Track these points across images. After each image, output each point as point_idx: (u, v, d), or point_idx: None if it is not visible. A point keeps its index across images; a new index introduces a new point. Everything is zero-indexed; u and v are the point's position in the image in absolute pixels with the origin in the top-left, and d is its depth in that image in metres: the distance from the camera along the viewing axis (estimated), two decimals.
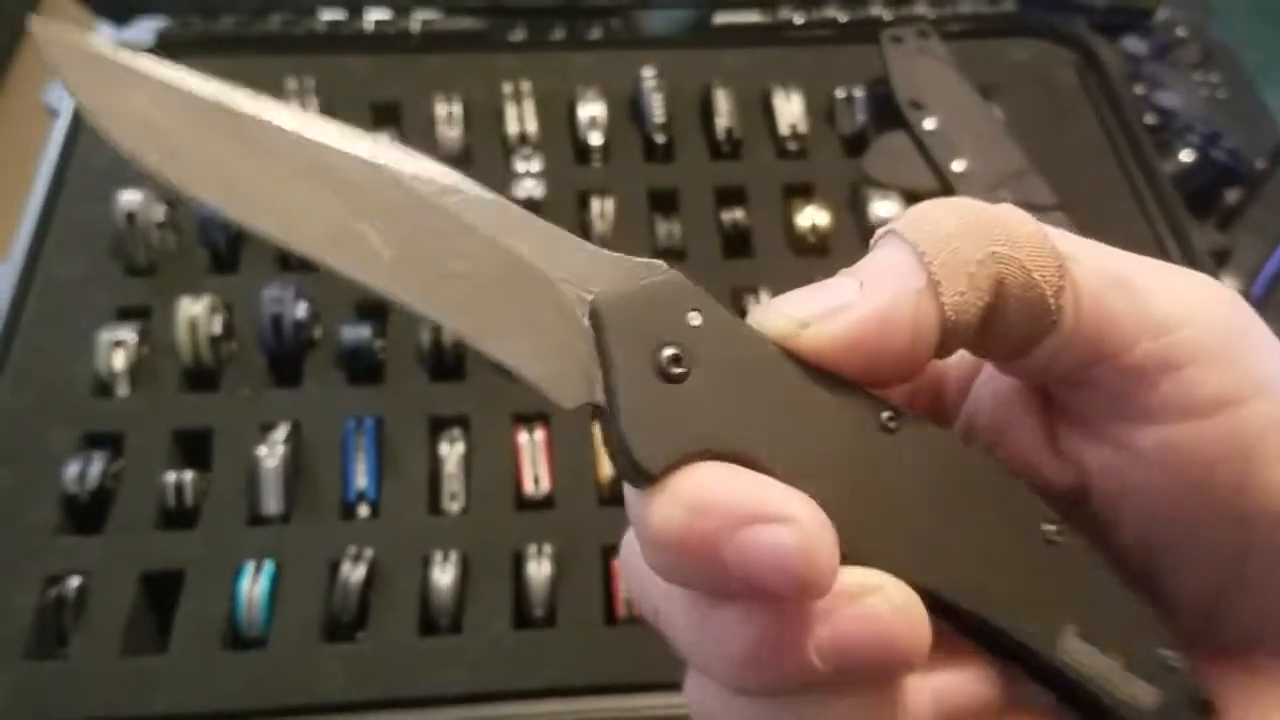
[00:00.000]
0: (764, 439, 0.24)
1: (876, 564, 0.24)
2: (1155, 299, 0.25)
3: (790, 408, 0.25)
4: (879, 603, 0.23)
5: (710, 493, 0.23)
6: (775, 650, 0.23)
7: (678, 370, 0.24)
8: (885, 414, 0.25)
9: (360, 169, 0.24)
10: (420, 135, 0.81)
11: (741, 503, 0.23)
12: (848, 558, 0.23)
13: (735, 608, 0.24)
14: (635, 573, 0.26)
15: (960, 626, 0.25)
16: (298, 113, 0.24)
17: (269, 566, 0.61)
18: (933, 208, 0.26)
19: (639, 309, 0.25)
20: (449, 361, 0.70)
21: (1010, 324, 0.25)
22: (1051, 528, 0.25)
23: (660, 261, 0.25)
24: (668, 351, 0.24)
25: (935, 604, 0.24)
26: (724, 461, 0.24)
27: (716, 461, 0.24)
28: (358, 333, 0.69)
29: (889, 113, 0.81)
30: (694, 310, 0.25)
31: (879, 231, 0.26)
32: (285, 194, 0.24)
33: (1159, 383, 0.25)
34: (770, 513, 0.23)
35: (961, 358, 0.28)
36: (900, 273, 0.25)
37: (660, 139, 0.82)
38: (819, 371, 0.25)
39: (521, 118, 0.81)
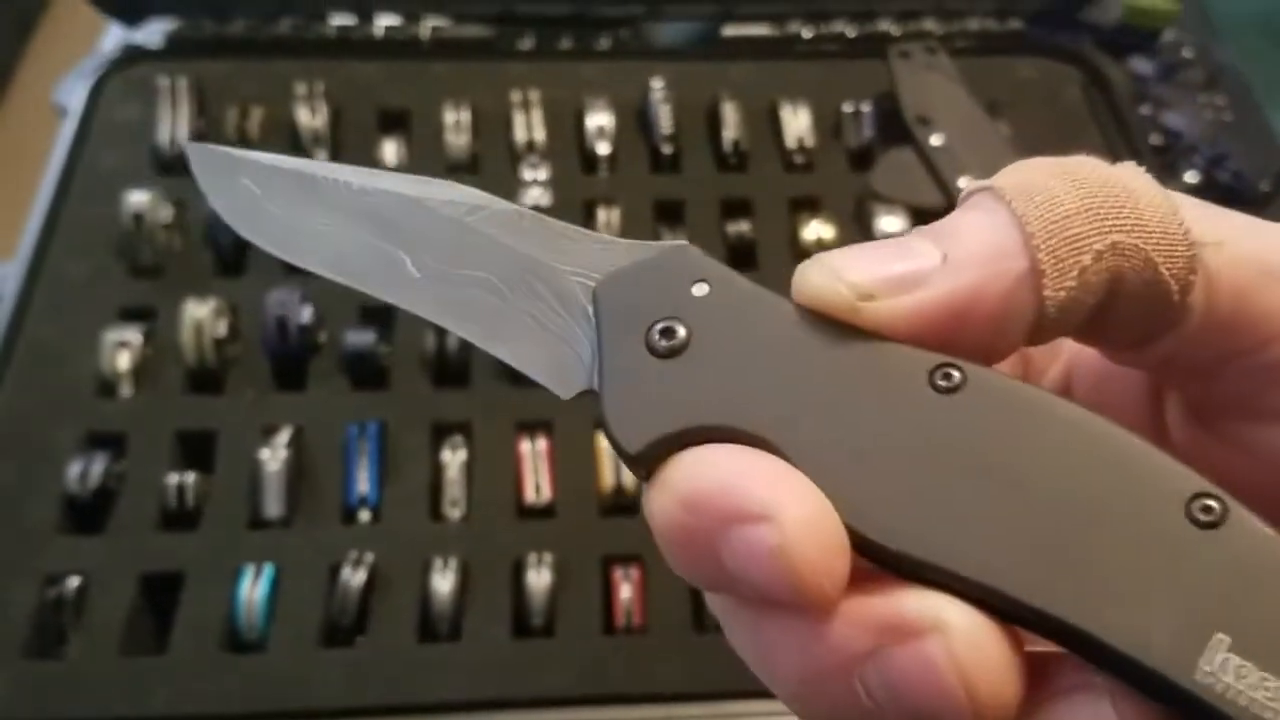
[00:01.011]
0: (775, 415, 0.21)
1: (938, 565, 0.19)
2: None
3: (810, 376, 0.21)
4: (934, 646, 0.19)
5: (700, 484, 0.20)
6: (821, 679, 0.20)
7: (671, 343, 0.22)
8: (939, 371, 0.21)
9: (399, 204, 0.27)
10: (428, 142, 0.81)
11: (728, 497, 0.20)
12: (903, 558, 0.20)
13: (779, 622, 0.20)
14: None
15: (1061, 641, 0.20)
16: (361, 170, 0.28)
17: (269, 570, 0.61)
18: (1047, 175, 0.21)
19: (637, 284, 0.23)
20: (453, 368, 0.70)
21: (1123, 320, 0.22)
22: (1207, 504, 0.19)
23: (683, 241, 0.24)
24: (661, 324, 0.22)
25: (1025, 616, 0.19)
26: (728, 444, 0.21)
27: (715, 445, 0.21)
28: (362, 337, 0.69)
29: (896, 128, 0.81)
30: (700, 281, 0.23)
31: (973, 185, 0.22)
32: (339, 236, 0.27)
33: None
34: (751, 509, 0.19)
35: None
36: (997, 250, 0.21)
37: (667, 150, 0.82)
38: (847, 328, 0.21)
39: (529, 126, 0.82)
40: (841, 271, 0.21)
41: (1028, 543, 0.19)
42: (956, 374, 0.21)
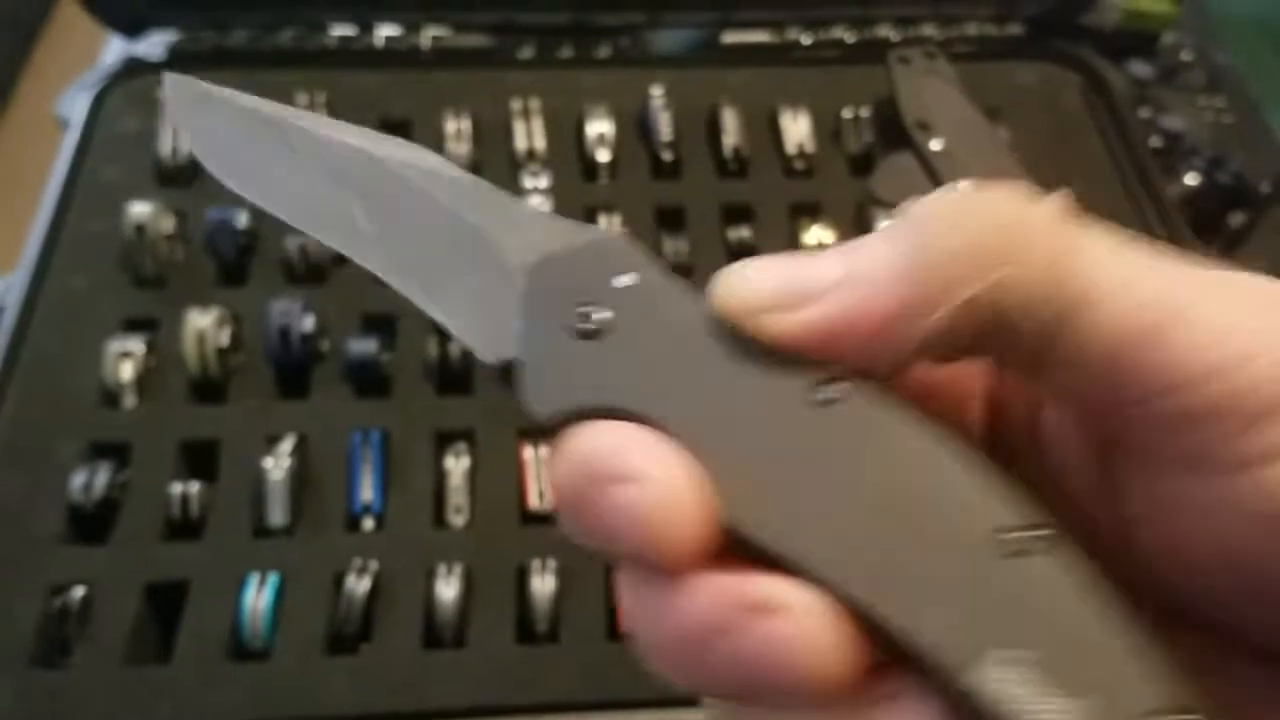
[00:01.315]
0: (675, 406, 0.23)
1: (793, 560, 0.21)
2: (1200, 345, 0.21)
3: (710, 375, 0.23)
4: (773, 625, 0.21)
5: (587, 448, 0.22)
6: (683, 646, 0.22)
7: (591, 327, 0.24)
8: (820, 386, 0.22)
9: (360, 160, 0.28)
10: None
11: (606, 460, 0.22)
12: (766, 549, 0.22)
13: (650, 587, 0.22)
14: None
15: (887, 641, 0.21)
16: (335, 123, 0.29)
17: (273, 578, 0.61)
18: (952, 209, 0.22)
19: (570, 267, 0.25)
20: (455, 375, 0.70)
21: (1006, 356, 0.23)
22: (1029, 534, 0.21)
23: (619, 232, 0.25)
24: (586, 308, 0.24)
25: (857, 612, 0.21)
26: (625, 422, 0.23)
27: (613, 421, 0.23)
28: (364, 346, 0.69)
29: (895, 133, 0.82)
30: (630, 272, 0.24)
31: (902, 207, 0.23)
32: (304, 186, 0.28)
33: (1193, 434, 0.21)
34: (622, 472, 0.22)
35: None
36: (884, 276, 0.22)
37: (668, 157, 0.82)
38: (749, 334, 0.23)
39: (530, 134, 0.82)
40: (746, 282, 0.23)
41: (866, 548, 0.21)
42: (836, 389, 0.22)
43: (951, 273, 0.21)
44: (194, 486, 0.64)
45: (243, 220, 0.74)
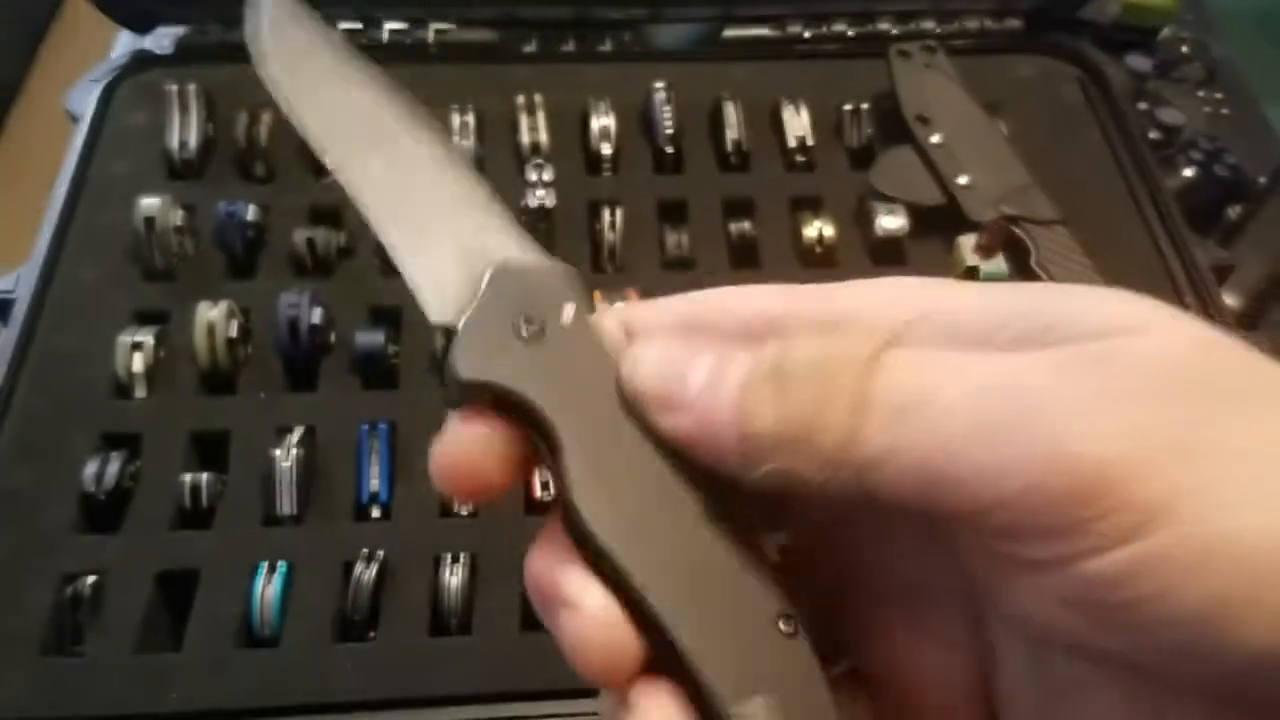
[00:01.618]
0: (567, 414, 0.27)
1: (615, 563, 0.26)
2: (973, 495, 0.22)
3: (603, 407, 0.27)
4: (572, 617, 0.26)
5: (456, 426, 0.27)
6: (530, 596, 0.27)
7: (527, 334, 0.28)
8: (673, 459, 0.27)
9: (400, 124, 0.32)
10: None
11: (449, 436, 0.27)
12: (600, 552, 0.26)
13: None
14: None
15: (672, 668, 0.26)
16: (397, 88, 0.33)
17: (282, 567, 0.62)
18: (768, 388, 0.25)
19: (525, 278, 0.29)
20: None
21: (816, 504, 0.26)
22: (788, 622, 0.26)
23: (572, 268, 0.29)
24: (528, 314, 0.28)
25: (653, 631, 0.25)
26: (513, 415, 0.27)
27: (497, 415, 0.27)
28: (372, 338, 0.70)
29: (895, 127, 0.82)
30: (571, 304, 0.28)
31: (771, 349, 0.25)
32: (343, 118, 0.32)
33: (998, 544, 0.23)
34: (449, 447, 0.27)
35: None
36: (720, 420, 0.25)
37: (670, 150, 0.83)
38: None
39: (534, 128, 0.83)
40: (635, 375, 0.27)
41: (686, 591, 0.26)
42: (683, 463, 0.27)
43: (750, 448, 0.25)
44: (204, 477, 0.65)
45: (251, 213, 0.75)
